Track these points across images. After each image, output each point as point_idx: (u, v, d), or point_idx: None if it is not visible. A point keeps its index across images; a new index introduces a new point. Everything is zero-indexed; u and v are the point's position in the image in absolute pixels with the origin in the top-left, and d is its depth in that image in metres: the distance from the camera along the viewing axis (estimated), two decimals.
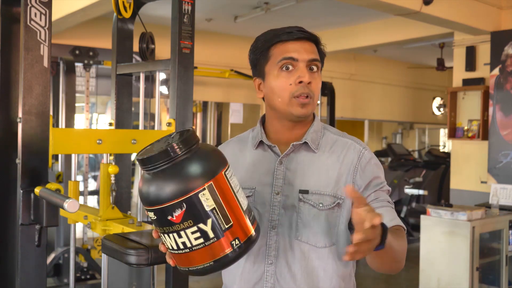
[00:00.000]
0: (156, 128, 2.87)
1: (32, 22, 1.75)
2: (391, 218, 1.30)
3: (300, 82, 1.31)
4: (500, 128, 5.53)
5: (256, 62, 1.42)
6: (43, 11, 1.77)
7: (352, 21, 6.77)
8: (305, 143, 1.36)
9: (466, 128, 5.93)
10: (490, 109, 5.62)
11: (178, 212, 0.99)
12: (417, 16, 5.03)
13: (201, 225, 1.01)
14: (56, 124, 5.01)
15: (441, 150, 10.73)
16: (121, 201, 2.56)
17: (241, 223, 1.06)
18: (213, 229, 1.01)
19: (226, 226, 1.03)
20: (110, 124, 2.60)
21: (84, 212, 2.22)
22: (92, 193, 6.10)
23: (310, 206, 1.31)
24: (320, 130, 1.40)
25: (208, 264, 1.04)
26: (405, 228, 1.33)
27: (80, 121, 6.18)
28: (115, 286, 2.77)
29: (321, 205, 1.31)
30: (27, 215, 1.75)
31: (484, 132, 5.70)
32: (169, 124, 2.25)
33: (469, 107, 5.97)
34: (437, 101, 10.35)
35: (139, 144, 2.15)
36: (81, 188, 4.77)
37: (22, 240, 1.76)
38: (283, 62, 1.33)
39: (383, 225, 1.11)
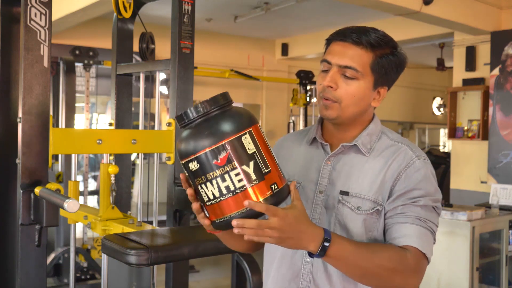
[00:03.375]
0: (156, 128, 2.87)
1: (32, 22, 1.75)
2: (408, 237, 1.24)
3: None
4: (500, 128, 5.53)
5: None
6: (43, 11, 1.77)
7: (352, 21, 6.77)
8: (355, 145, 1.34)
9: (466, 128, 5.93)
10: (490, 109, 5.62)
11: (223, 155, 1.05)
12: (417, 16, 5.03)
13: (244, 167, 1.07)
14: (56, 124, 5.01)
15: (441, 150, 10.73)
16: (121, 201, 2.56)
17: (278, 171, 1.14)
18: (255, 171, 1.08)
19: (266, 170, 1.10)
20: (110, 124, 2.60)
21: (84, 212, 2.22)
22: (92, 193, 6.09)
23: (348, 209, 1.30)
24: (376, 133, 1.37)
25: (245, 210, 1.07)
26: (427, 255, 1.25)
27: (80, 121, 6.18)
28: (115, 286, 2.77)
29: (359, 209, 1.29)
30: (27, 215, 1.75)
31: (484, 132, 5.70)
32: (169, 124, 2.25)
33: (469, 107, 5.97)
34: (437, 101, 10.35)
35: (139, 144, 2.14)
36: (81, 188, 4.77)
37: (22, 240, 1.76)
38: (322, 64, 1.33)
39: (325, 234, 1.13)
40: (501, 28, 5.64)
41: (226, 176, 1.06)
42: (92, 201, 6.40)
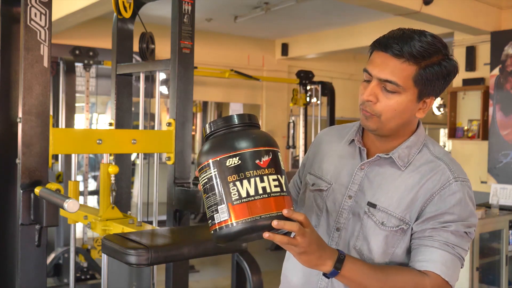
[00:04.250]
0: (156, 128, 2.87)
1: (32, 22, 1.75)
2: (432, 262, 1.20)
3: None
4: (500, 128, 5.53)
5: None
6: (43, 11, 1.77)
7: (352, 21, 6.77)
8: (391, 157, 1.29)
9: (466, 128, 5.93)
10: (490, 109, 5.62)
11: (266, 158, 1.13)
12: (417, 16, 5.03)
13: (279, 176, 1.14)
14: (56, 124, 5.01)
15: None
16: (121, 201, 2.56)
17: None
18: (285, 184, 1.15)
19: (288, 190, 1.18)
20: (110, 124, 2.60)
21: (84, 212, 2.22)
22: (92, 193, 6.10)
23: (372, 222, 1.28)
24: (417, 146, 1.31)
25: (276, 214, 1.11)
26: (451, 283, 1.20)
27: (80, 121, 6.18)
28: (115, 286, 2.77)
29: (383, 224, 1.26)
30: (27, 215, 1.75)
31: (484, 132, 5.70)
32: (169, 124, 2.26)
33: (469, 107, 5.97)
34: (437, 101, 10.35)
35: (139, 144, 2.14)
36: (81, 188, 4.77)
37: (22, 240, 1.76)
38: (364, 74, 1.28)
39: (340, 254, 1.14)
40: (501, 28, 5.64)
41: (265, 178, 1.12)
42: (92, 201, 6.40)
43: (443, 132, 11.73)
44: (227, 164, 1.11)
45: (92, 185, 7.13)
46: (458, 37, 6.05)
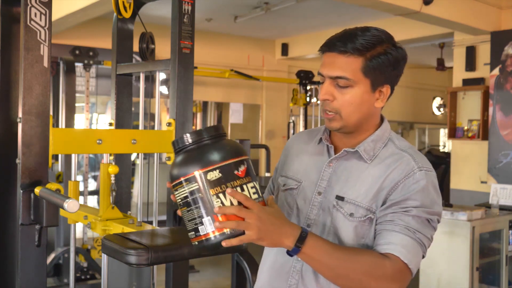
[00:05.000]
0: (156, 128, 2.87)
1: (32, 22, 1.75)
2: (394, 245, 1.21)
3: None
4: (500, 128, 5.53)
5: None
6: (43, 11, 1.77)
7: (352, 21, 6.77)
8: (358, 151, 1.33)
9: (466, 128, 5.93)
10: (490, 109, 5.62)
11: (242, 168, 1.18)
12: (417, 16, 5.03)
13: (255, 183, 1.19)
14: (56, 124, 5.01)
15: (441, 150, 10.74)
16: (121, 201, 2.56)
17: None
18: (260, 190, 1.21)
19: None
20: (110, 124, 2.59)
21: (84, 212, 2.22)
22: (92, 193, 6.10)
23: (341, 215, 1.30)
24: (382, 140, 1.35)
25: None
26: (411, 268, 1.21)
27: (80, 121, 6.18)
28: (115, 286, 2.77)
29: (351, 215, 1.29)
30: (27, 215, 1.74)
31: (484, 132, 5.70)
32: (169, 124, 2.25)
33: (469, 107, 5.97)
34: (437, 101, 10.35)
35: (139, 144, 2.14)
36: (81, 188, 4.77)
37: (22, 240, 1.75)
38: (319, 77, 1.33)
39: (302, 231, 1.16)
40: (501, 28, 5.64)
41: (245, 186, 1.17)
42: (92, 201, 6.40)
43: (443, 132, 11.73)
44: (209, 177, 1.15)
45: (92, 185, 7.14)
46: (458, 37, 6.05)
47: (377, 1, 4.59)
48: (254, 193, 1.18)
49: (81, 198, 4.15)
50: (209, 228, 1.15)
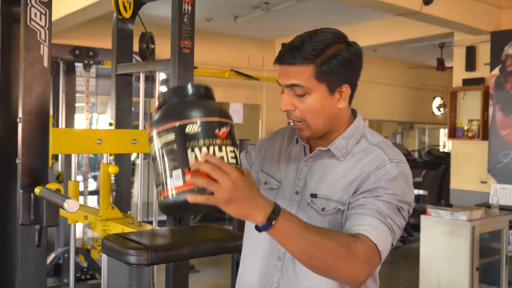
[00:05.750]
0: None
1: (32, 22, 1.75)
2: (365, 226, 1.20)
3: None
4: (500, 128, 5.53)
5: None
6: (43, 11, 1.77)
7: (352, 21, 6.77)
8: (330, 149, 1.35)
9: (466, 128, 5.93)
10: (490, 109, 5.62)
11: (224, 129, 1.14)
12: (417, 16, 5.03)
13: (235, 149, 1.15)
14: (56, 124, 5.01)
15: (441, 150, 10.74)
16: (121, 201, 2.56)
17: None
18: (239, 158, 1.17)
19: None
20: (110, 124, 2.59)
21: (84, 212, 2.22)
22: (92, 193, 6.10)
23: (314, 211, 1.32)
24: (355, 137, 1.36)
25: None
26: (381, 250, 1.19)
27: (80, 121, 6.18)
28: (115, 286, 2.77)
29: (323, 210, 1.31)
30: (27, 215, 1.74)
31: (484, 132, 5.70)
32: None
33: (469, 107, 5.97)
34: (437, 101, 10.35)
35: (139, 144, 2.14)
36: (81, 188, 4.77)
37: (22, 240, 1.75)
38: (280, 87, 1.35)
39: (275, 207, 1.11)
40: (501, 28, 5.64)
41: (224, 147, 1.13)
42: (92, 201, 6.40)
43: (443, 132, 11.73)
44: (187, 130, 1.11)
45: (92, 185, 7.13)
46: (458, 37, 6.05)
47: (377, 1, 4.59)
48: (232, 158, 1.12)
49: (81, 198, 4.15)
50: (177, 182, 1.09)
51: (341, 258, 1.15)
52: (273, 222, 1.10)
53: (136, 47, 2.64)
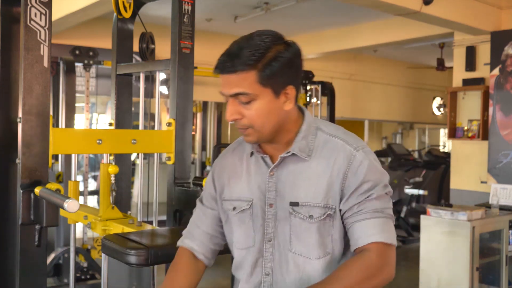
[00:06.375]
0: (156, 128, 2.87)
1: (32, 22, 1.75)
2: (369, 234, 1.25)
3: None
4: (500, 128, 5.52)
5: None
6: (43, 11, 1.77)
7: (352, 21, 6.77)
8: (294, 153, 1.32)
9: (466, 128, 5.93)
10: (490, 109, 5.62)
11: None
12: (417, 16, 5.03)
13: None
14: (56, 124, 5.01)
15: (441, 150, 10.74)
16: (121, 201, 2.56)
17: None
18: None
19: None
20: (110, 124, 2.59)
21: (84, 212, 2.22)
22: (92, 193, 6.10)
23: (300, 220, 1.30)
24: (312, 132, 1.35)
25: None
26: (391, 242, 1.27)
27: (80, 121, 6.17)
28: (115, 286, 2.77)
29: (311, 217, 1.29)
30: (27, 215, 1.74)
31: (484, 132, 5.70)
32: (169, 124, 2.25)
33: (469, 107, 5.97)
34: (437, 101, 10.35)
35: (139, 144, 2.14)
36: (81, 188, 4.76)
37: (22, 240, 1.76)
38: (223, 97, 1.31)
39: None
40: (501, 28, 5.64)
41: None
42: (92, 201, 6.40)
43: (443, 132, 11.73)
44: None
45: (92, 185, 7.14)
46: (458, 37, 6.05)
47: (377, 1, 4.58)
48: None
49: (81, 198, 4.15)
50: None
51: (367, 281, 1.22)
52: None
53: (136, 47, 2.64)
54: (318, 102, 6.83)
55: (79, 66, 5.53)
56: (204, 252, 1.48)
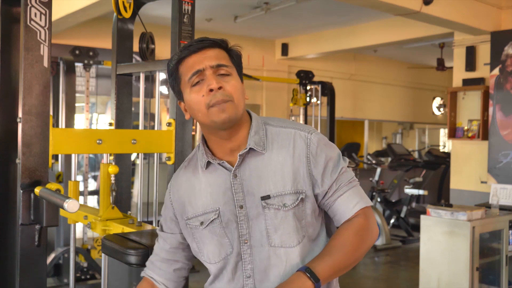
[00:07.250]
0: (156, 128, 2.87)
1: (32, 22, 1.75)
2: (354, 203, 1.36)
3: (211, 90, 1.30)
4: (500, 128, 5.53)
5: (173, 85, 1.41)
6: (43, 11, 1.77)
7: (352, 21, 6.77)
8: (251, 148, 1.35)
9: (466, 128, 5.93)
10: (490, 109, 5.62)
11: None
12: (417, 16, 5.03)
13: None
14: (56, 124, 5.01)
15: (441, 150, 10.73)
16: (121, 201, 2.56)
17: None
18: None
19: None
20: (110, 124, 2.59)
21: (84, 212, 2.22)
22: (92, 193, 6.10)
23: (275, 210, 1.32)
24: (261, 127, 1.39)
25: None
26: (369, 204, 1.38)
27: (80, 121, 6.18)
28: (115, 286, 2.77)
29: (285, 206, 1.32)
30: (27, 215, 1.74)
31: (484, 132, 5.70)
32: (169, 124, 2.25)
33: (469, 107, 5.97)
34: (437, 101, 10.35)
35: (139, 144, 2.14)
36: (81, 188, 4.77)
37: (22, 240, 1.76)
38: (193, 79, 1.33)
39: (305, 271, 1.24)
40: (501, 28, 5.64)
41: None
42: (92, 201, 6.40)
43: (443, 132, 11.73)
44: None
45: (92, 185, 7.14)
46: (458, 37, 6.05)
47: (377, 1, 4.59)
48: None
49: (81, 198, 4.16)
50: None
51: (364, 241, 1.34)
52: (318, 279, 1.25)
53: (136, 47, 2.64)
54: (318, 102, 6.83)
55: (79, 66, 5.54)
56: (164, 281, 1.50)
